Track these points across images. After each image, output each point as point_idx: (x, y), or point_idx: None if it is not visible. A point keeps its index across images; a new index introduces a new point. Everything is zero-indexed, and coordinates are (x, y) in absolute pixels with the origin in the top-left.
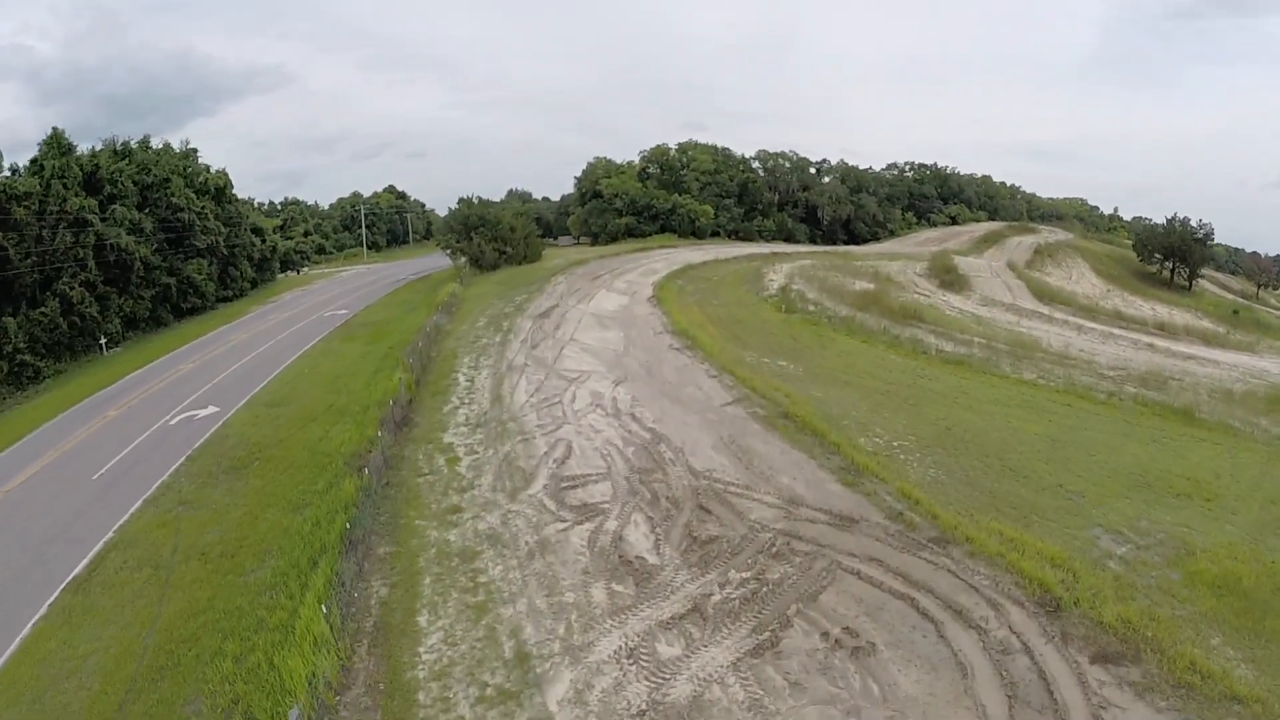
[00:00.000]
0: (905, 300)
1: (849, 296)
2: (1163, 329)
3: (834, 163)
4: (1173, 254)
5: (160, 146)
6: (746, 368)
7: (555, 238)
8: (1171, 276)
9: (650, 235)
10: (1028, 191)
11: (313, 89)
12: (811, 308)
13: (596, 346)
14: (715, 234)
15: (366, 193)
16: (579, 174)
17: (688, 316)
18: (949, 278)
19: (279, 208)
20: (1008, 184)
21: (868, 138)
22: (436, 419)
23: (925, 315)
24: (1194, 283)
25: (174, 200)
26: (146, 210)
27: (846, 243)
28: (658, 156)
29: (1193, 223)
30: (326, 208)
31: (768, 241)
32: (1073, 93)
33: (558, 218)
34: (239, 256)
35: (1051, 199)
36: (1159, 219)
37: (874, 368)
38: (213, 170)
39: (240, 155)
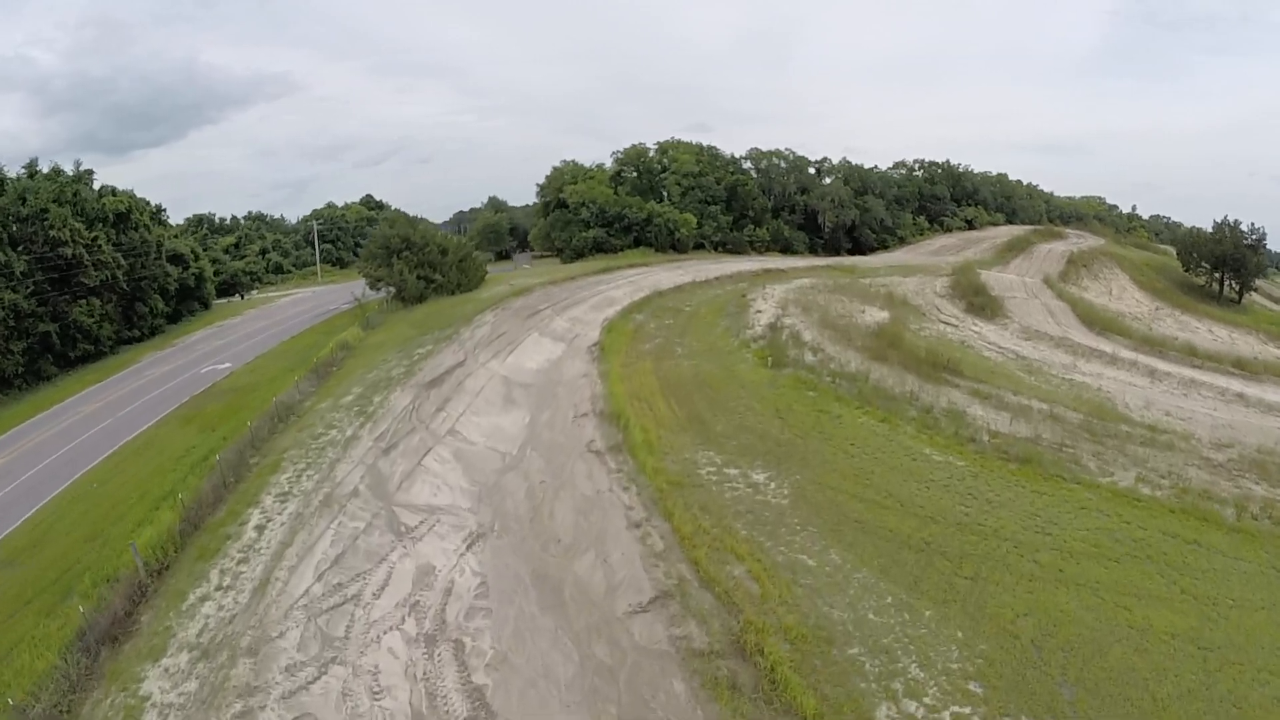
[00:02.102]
0: (930, 335)
1: (858, 335)
2: (1241, 367)
3: (836, 162)
4: (1223, 264)
5: (49, 170)
6: (698, 498)
7: (530, 250)
8: (1220, 289)
9: (622, 250)
10: (1045, 190)
11: (319, 96)
12: (809, 357)
13: (478, 450)
14: (699, 246)
15: (363, 201)
16: (542, 180)
17: (633, 381)
18: (979, 300)
19: (241, 223)
20: (1024, 182)
21: (872, 136)
22: (163, 626)
23: (961, 363)
24: (1243, 295)
25: (54, 234)
26: (20, 249)
27: (851, 252)
28: (634, 158)
29: (1243, 227)
30: (294, 222)
31: (760, 254)
32: (1080, 86)
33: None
34: (147, 290)
35: (1069, 198)
36: (1176, 217)
37: (901, 481)
38: (118, 193)
39: (248, 164)
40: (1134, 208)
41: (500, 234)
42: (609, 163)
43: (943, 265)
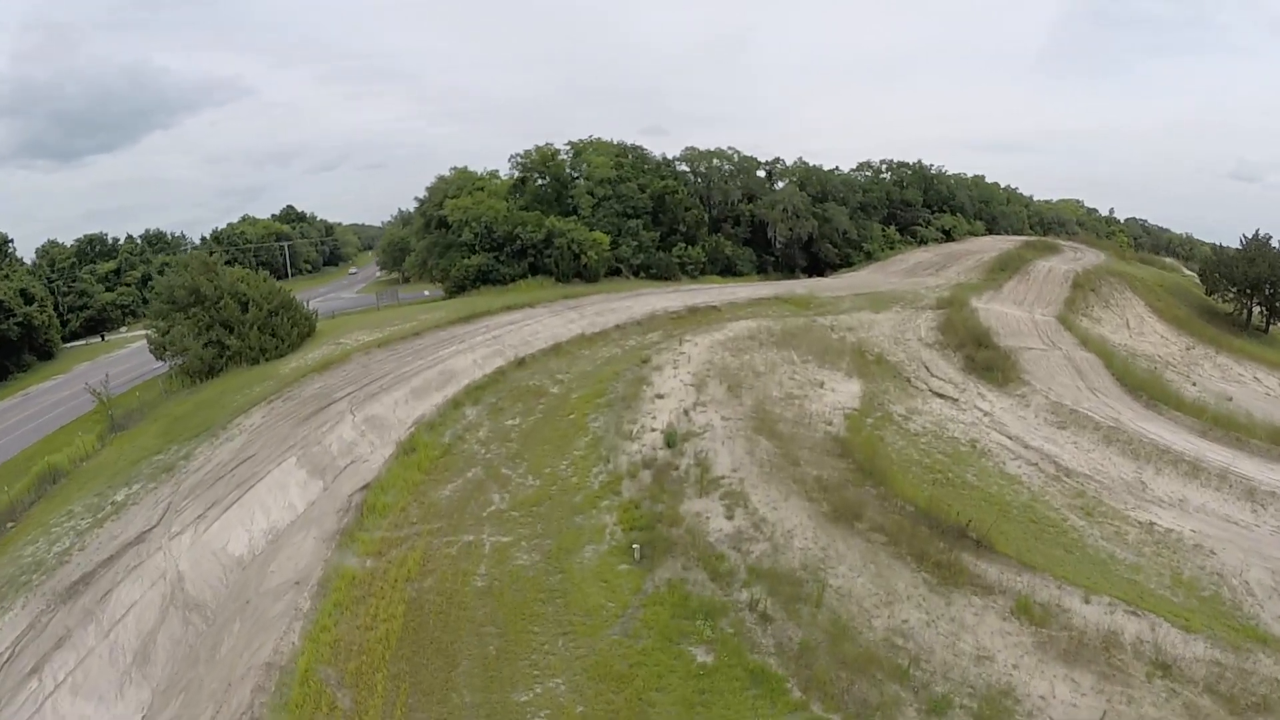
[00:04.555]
0: (925, 427)
1: (811, 455)
2: None
3: (790, 163)
4: (1257, 289)
5: None
6: None
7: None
8: (1249, 317)
9: (514, 281)
10: (1025, 194)
11: (270, 102)
12: (717, 525)
13: None
14: (614, 272)
15: (282, 214)
16: (423, 193)
17: (365, 612)
18: (982, 354)
19: (138, 243)
20: (1003, 185)
21: (831, 137)
22: None
23: (987, 516)
24: (1271, 324)
25: None
26: None
27: (809, 271)
28: (539, 162)
29: (1274, 242)
30: (198, 241)
31: (694, 279)
32: (1034, 86)
33: None
34: None
35: (1048, 201)
36: (1147, 218)
37: None
38: None
39: (197, 171)
40: (1111, 210)
41: (407, 253)
42: (507, 168)
43: (923, 292)
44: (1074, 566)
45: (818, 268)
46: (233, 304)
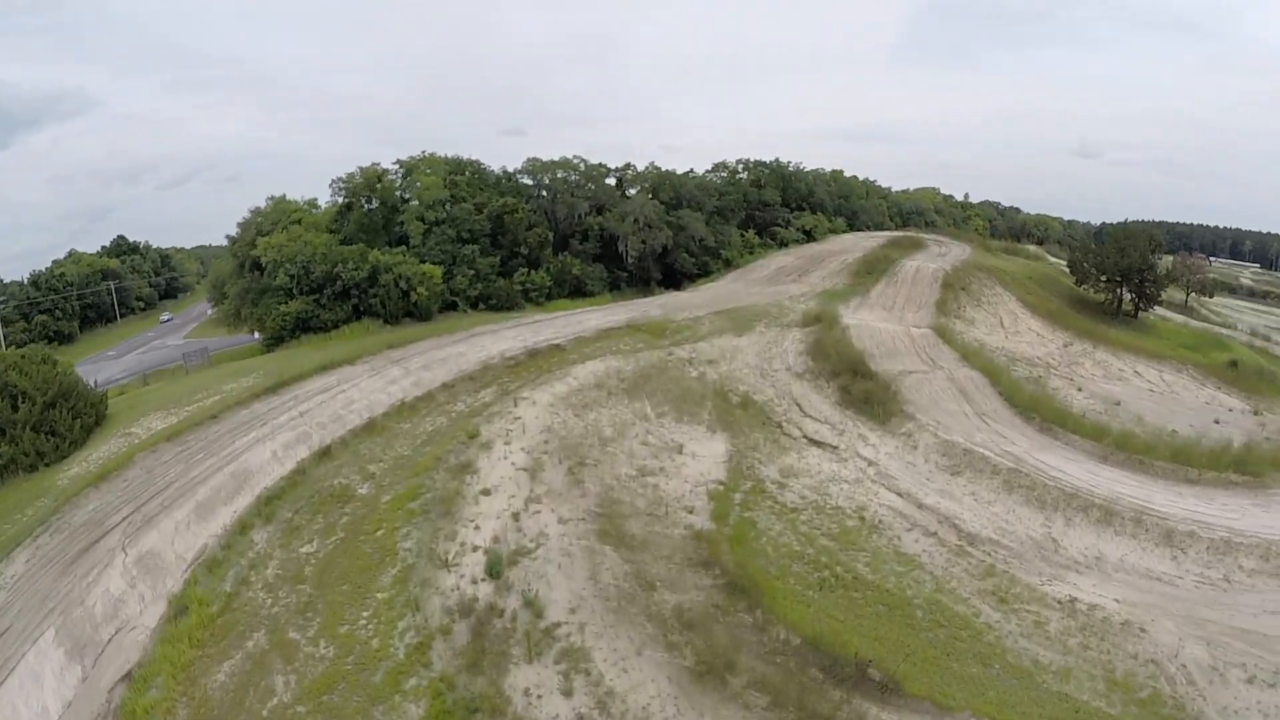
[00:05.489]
0: (803, 496)
1: (668, 567)
2: (1242, 469)
3: (642, 168)
4: (1128, 278)
5: None
6: None
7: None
8: (1119, 304)
9: (336, 328)
10: (883, 186)
11: (117, 114)
12: None
13: None
14: (450, 307)
15: (111, 246)
16: (235, 229)
17: None
18: (860, 385)
19: None
20: (861, 178)
21: (695, 132)
22: None
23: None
24: (1140, 310)
25: None
26: None
27: (665, 284)
28: (364, 186)
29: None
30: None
31: (539, 306)
32: (888, 76)
33: None
34: None
35: (906, 190)
36: (1000, 200)
37: None
38: None
39: (39, 192)
40: (966, 195)
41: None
42: (329, 195)
43: (788, 304)
44: (997, 691)
45: (674, 280)
46: (1, 402)
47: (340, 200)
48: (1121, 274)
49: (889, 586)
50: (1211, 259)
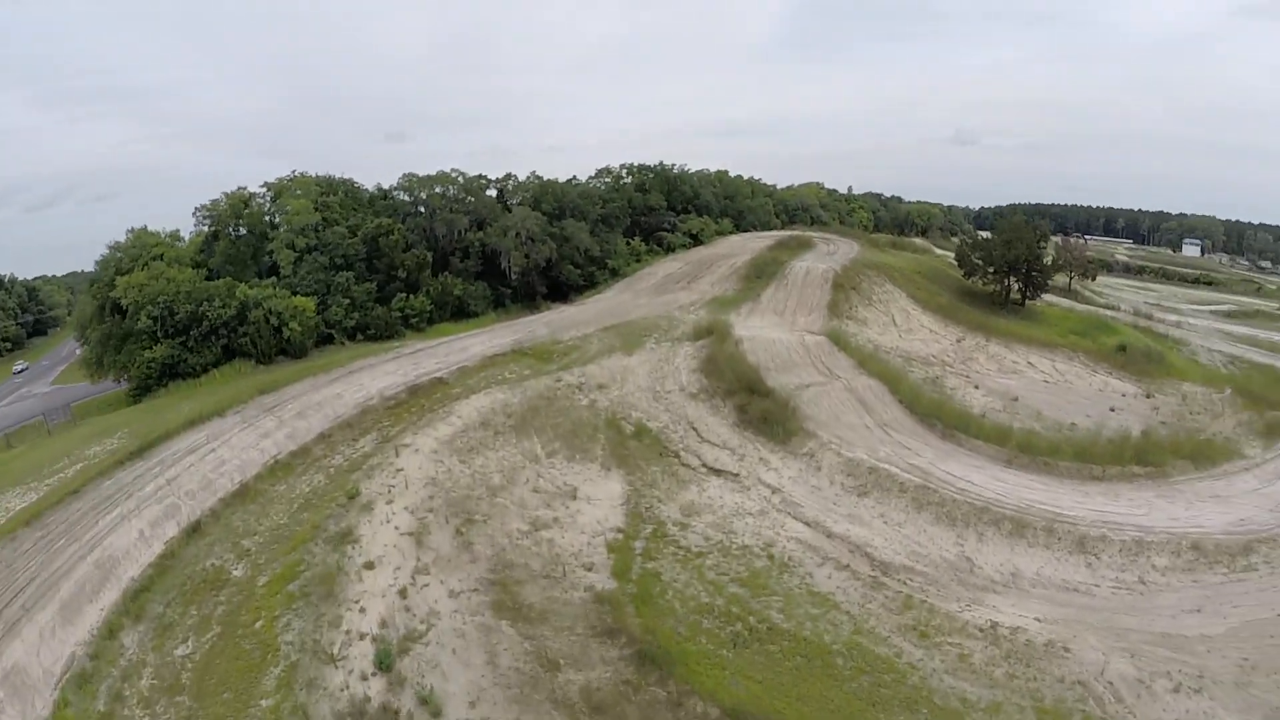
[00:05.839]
0: (694, 540)
1: (571, 641)
2: (1144, 460)
3: (524, 178)
4: (1015, 269)
5: None
6: None
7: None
8: (1007, 294)
9: (206, 372)
10: (767, 183)
11: None
12: None
13: None
14: (326, 340)
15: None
16: (95, 264)
17: None
18: (758, 405)
19: None
20: (746, 177)
21: (575, 129)
22: None
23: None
24: (1026, 299)
25: None
26: None
27: (551, 297)
28: (230, 213)
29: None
30: None
31: (420, 333)
32: (767, 70)
33: None
34: None
35: (790, 187)
36: (882, 190)
37: None
38: None
39: None
40: (850, 188)
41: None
42: (193, 226)
43: (678, 315)
44: None
45: (561, 293)
46: None
47: (205, 229)
48: (1009, 265)
49: (805, 634)
50: (1087, 237)
